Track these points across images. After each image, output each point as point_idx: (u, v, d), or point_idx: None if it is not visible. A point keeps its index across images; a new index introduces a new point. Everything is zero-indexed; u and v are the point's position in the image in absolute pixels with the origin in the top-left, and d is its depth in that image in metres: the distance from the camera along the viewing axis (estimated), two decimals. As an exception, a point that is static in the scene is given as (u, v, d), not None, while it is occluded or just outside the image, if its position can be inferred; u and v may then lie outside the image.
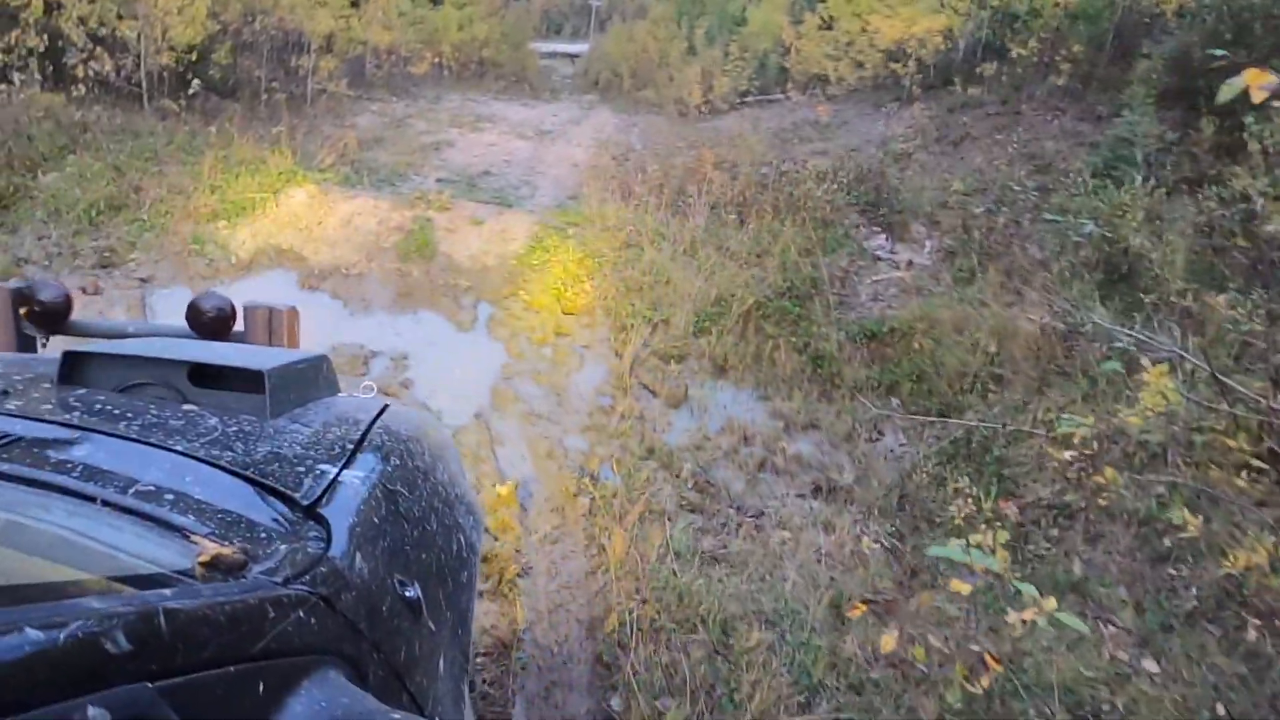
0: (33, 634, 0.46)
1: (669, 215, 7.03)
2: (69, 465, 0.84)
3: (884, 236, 7.84)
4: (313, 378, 1.31)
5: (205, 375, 1.17)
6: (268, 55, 11.28)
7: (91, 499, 0.76)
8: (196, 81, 8.05)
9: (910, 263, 7.19)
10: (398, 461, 1.19)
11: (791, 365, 5.25)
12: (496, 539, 3.37)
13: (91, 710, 0.45)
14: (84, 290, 5.15)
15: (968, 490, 3.96)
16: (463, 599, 1.22)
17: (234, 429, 1.05)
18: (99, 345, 1.26)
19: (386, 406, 1.35)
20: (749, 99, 17.45)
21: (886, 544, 3.66)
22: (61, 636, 0.47)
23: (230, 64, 10.67)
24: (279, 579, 0.73)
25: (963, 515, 3.45)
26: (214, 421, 1.06)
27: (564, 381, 5.01)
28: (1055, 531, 3.70)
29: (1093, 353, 4.76)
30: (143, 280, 5.31)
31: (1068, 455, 4.13)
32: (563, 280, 5.95)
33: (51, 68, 8.12)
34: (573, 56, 29.65)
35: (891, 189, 8.17)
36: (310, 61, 11.10)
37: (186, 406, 1.10)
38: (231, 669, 0.60)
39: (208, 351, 1.31)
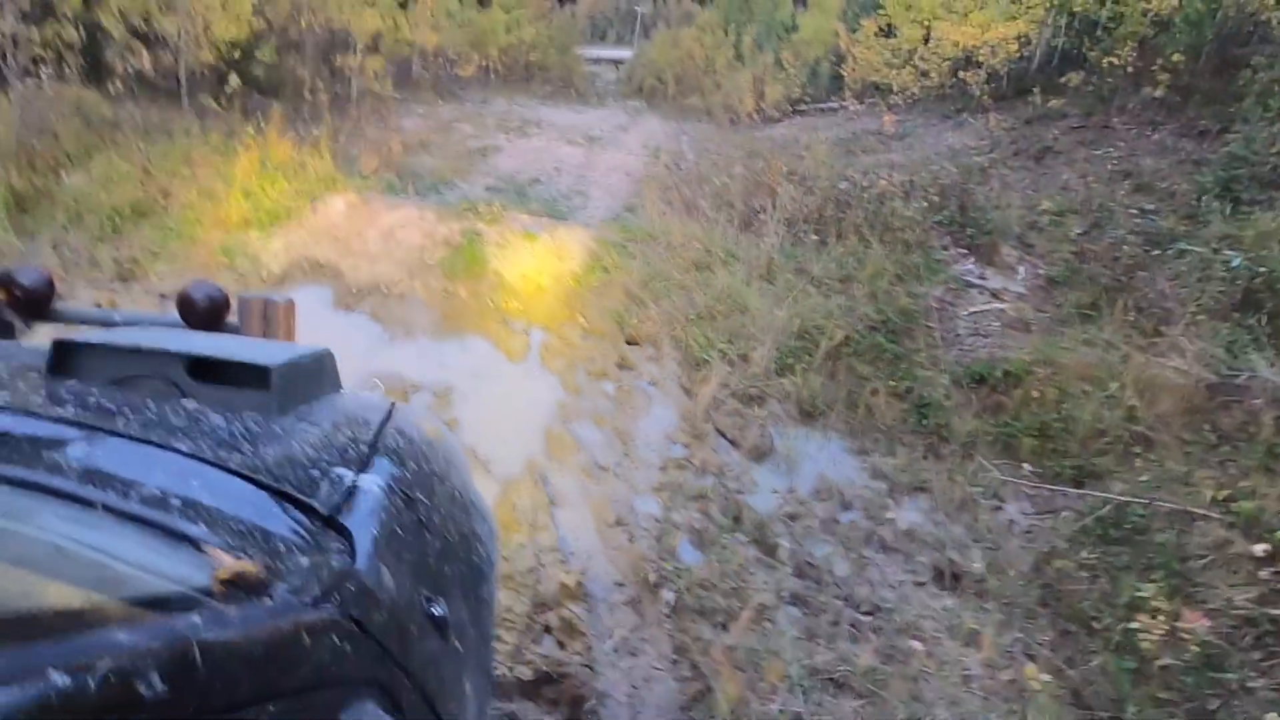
0: (59, 679, 0.42)
1: (739, 232, 6.28)
2: (65, 466, 0.74)
3: (971, 260, 6.99)
4: (317, 373, 1.18)
5: (206, 369, 1.05)
6: (313, 54, 10.77)
7: (92, 504, 0.68)
8: (235, 78, 7.47)
9: (1006, 291, 6.36)
10: (415, 466, 1.09)
11: (890, 413, 4.47)
12: (563, 646, 2.66)
13: None
14: (98, 306, 4.57)
15: (1133, 586, 3.16)
16: (485, 616, 1.14)
17: (240, 428, 0.95)
18: (91, 335, 1.14)
19: (395, 405, 1.24)
20: (802, 107, 16.66)
21: (1050, 669, 2.87)
22: (92, 683, 0.43)
23: (274, 62, 10.17)
24: (308, 599, 0.66)
25: (1154, 636, 2.66)
26: (218, 419, 0.96)
27: (629, 425, 4.29)
28: (1258, 655, 2.89)
29: (1263, 412, 3.93)
30: (163, 296, 4.71)
31: (1259, 550, 3.31)
32: (625, 304, 5.24)
33: (88, 63, 7.65)
34: (617, 62, 29.18)
35: (977, 207, 7.34)
36: (356, 61, 10.56)
37: (187, 402, 1.00)
38: (270, 707, 0.56)
39: (209, 343, 1.15)
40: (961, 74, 12.53)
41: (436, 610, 0.89)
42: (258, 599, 0.63)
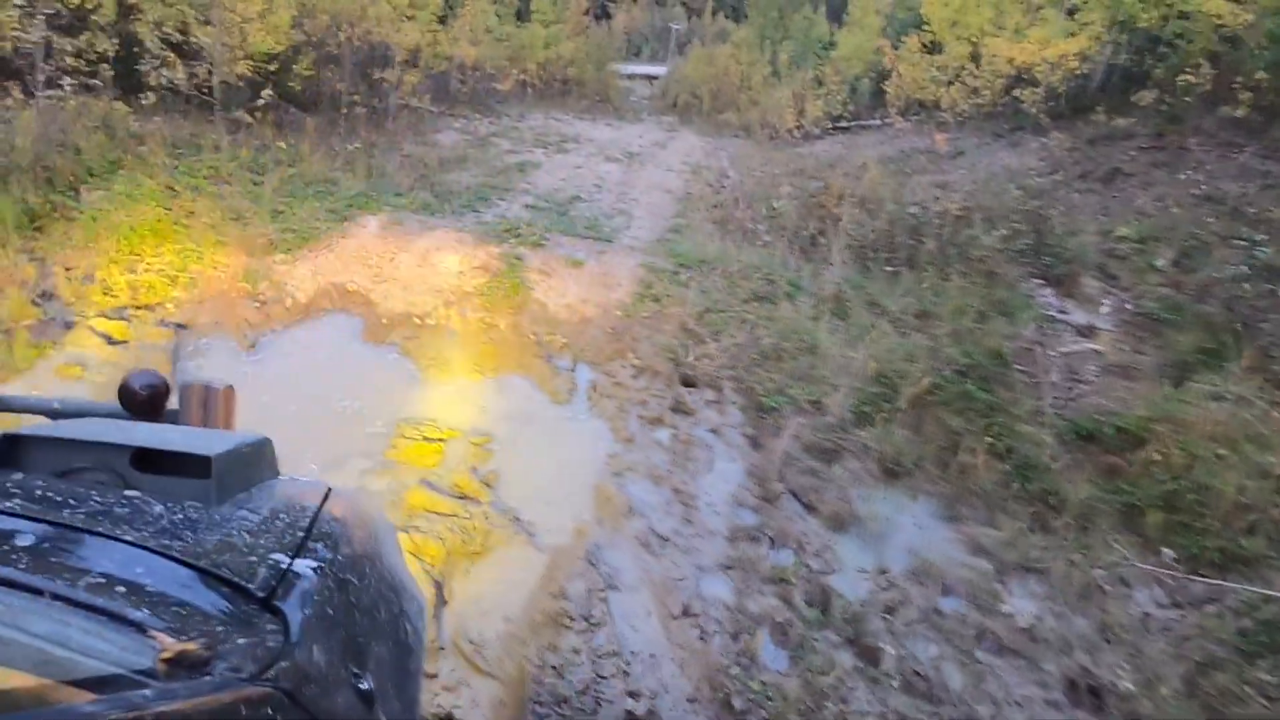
0: None
1: (799, 259, 5.70)
2: (13, 556, 0.76)
3: (1050, 291, 6.32)
4: (256, 461, 1.22)
5: (148, 460, 1.06)
6: (350, 68, 10.42)
7: (40, 592, 0.70)
8: (269, 91, 7.06)
9: (1095, 329, 5.69)
10: (347, 549, 1.11)
11: (987, 474, 3.85)
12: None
13: None
14: (109, 340, 4.11)
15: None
16: (410, 689, 1.15)
17: (180, 516, 0.97)
18: (37, 428, 1.16)
19: (330, 490, 1.24)
20: (843, 123, 16.07)
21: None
22: None
23: (311, 75, 9.82)
24: (245, 675, 0.69)
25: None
26: (159, 509, 0.98)
27: (690, 484, 3.72)
28: None
29: None
30: (179, 326, 4.24)
31: None
32: (680, 339, 4.67)
33: (120, 74, 7.31)
34: (651, 78, 28.83)
35: (1054, 233, 6.68)
36: (394, 76, 10.17)
37: (129, 492, 1.01)
38: None
39: (152, 435, 1.18)
40: (1017, 92, 11.83)
41: (364, 685, 0.92)
42: (200, 676, 0.67)
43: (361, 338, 4.49)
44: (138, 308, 4.36)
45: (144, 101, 6.89)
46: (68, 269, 4.53)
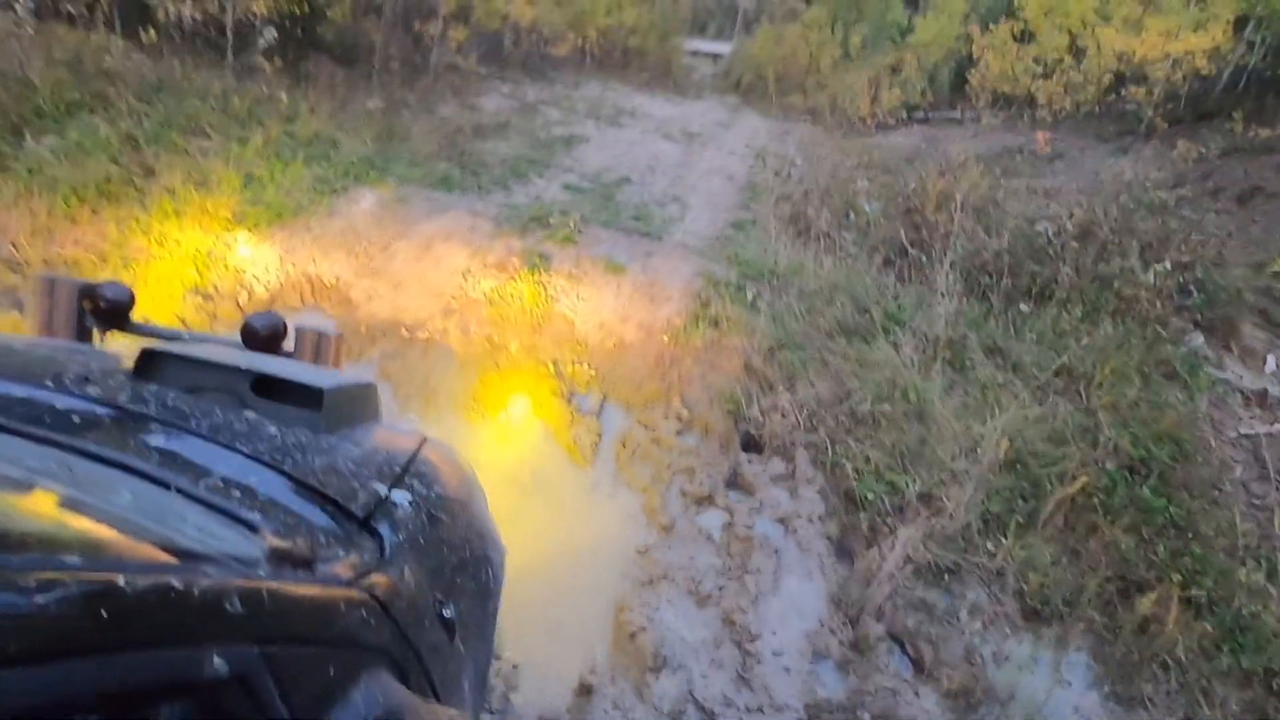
0: (174, 581, 0.48)
1: (892, 277, 4.37)
2: (146, 453, 0.82)
3: (1200, 338, 4.88)
4: (362, 401, 1.28)
5: (266, 387, 1.12)
6: (390, 18, 9.20)
7: (167, 486, 0.75)
8: (273, 32, 5.88)
9: (1265, 395, 4.25)
10: (439, 489, 1.14)
11: (1181, 634, 2.55)
12: None
13: (216, 659, 0.49)
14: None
15: None
16: (488, 630, 1.19)
17: (292, 439, 1.01)
18: (174, 347, 1.21)
19: (426, 439, 1.29)
20: (919, 114, 14.40)
21: None
22: (195, 590, 0.49)
23: (348, 24, 8.65)
24: (342, 579, 0.73)
25: None
26: (274, 430, 1.02)
27: (750, 612, 2.50)
28: None
29: None
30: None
31: None
32: (742, 382, 3.42)
33: (124, 6, 6.23)
34: (715, 56, 27.14)
35: (1200, 265, 5.18)
36: (437, 28, 8.93)
37: (248, 413, 1.05)
38: (312, 649, 0.63)
39: (271, 364, 1.21)
40: (1130, 90, 10.09)
41: (447, 613, 0.94)
42: (303, 571, 0.68)
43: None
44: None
45: (144, 40, 5.79)
46: (-20, 233, 3.45)
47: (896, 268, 4.47)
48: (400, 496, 1.00)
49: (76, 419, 0.84)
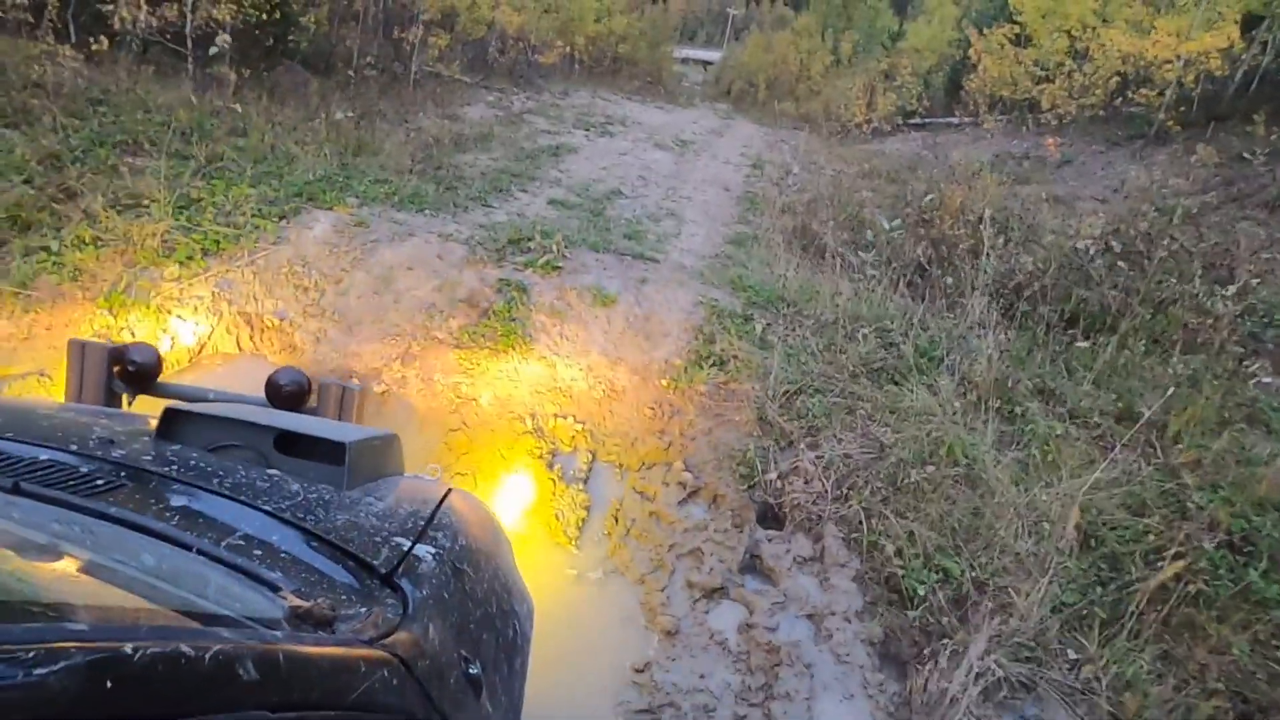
0: (185, 647, 0.47)
1: (920, 306, 3.83)
2: (167, 514, 0.82)
3: (1269, 373, 4.34)
4: (385, 454, 1.25)
5: (288, 444, 1.11)
6: (371, 25, 8.66)
7: (188, 547, 0.74)
8: (225, 38, 5.31)
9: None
10: (464, 542, 1.11)
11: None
12: None
13: None
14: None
15: None
16: (515, 687, 1.12)
17: (314, 495, 1.01)
18: (196, 406, 1.19)
19: (450, 490, 1.25)
20: (915, 120, 13.95)
21: None
22: (207, 656, 0.48)
23: (323, 31, 8.10)
24: (364, 638, 0.70)
25: None
26: (296, 487, 1.01)
27: (776, 752, 1.96)
28: None
29: None
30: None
31: None
32: (756, 437, 2.88)
33: (75, 12, 5.67)
34: (705, 63, 26.73)
35: (1255, 284, 4.66)
36: (417, 35, 8.38)
37: (270, 470, 1.05)
38: (332, 714, 0.59)
39: (293, 421, 1.22)
40: (1138, 92, 9.64)
41: (472, 670, 0.89)
42: (324, 631, 0.67)
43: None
44: (-72, 343, 2.70)
45: (95, 48, 5.23)
46: None
47: (919, 290, 3.94)
48: (424, 550, 0.97)
49: (100, 482, 0.84)
